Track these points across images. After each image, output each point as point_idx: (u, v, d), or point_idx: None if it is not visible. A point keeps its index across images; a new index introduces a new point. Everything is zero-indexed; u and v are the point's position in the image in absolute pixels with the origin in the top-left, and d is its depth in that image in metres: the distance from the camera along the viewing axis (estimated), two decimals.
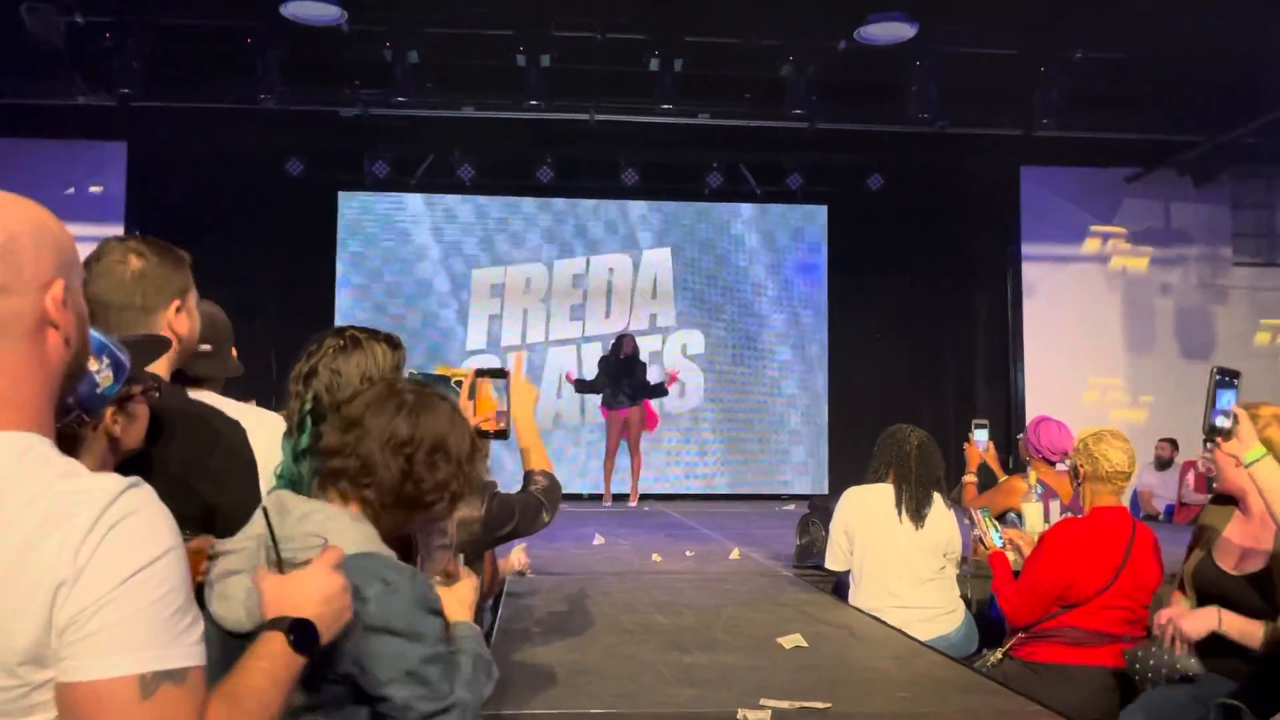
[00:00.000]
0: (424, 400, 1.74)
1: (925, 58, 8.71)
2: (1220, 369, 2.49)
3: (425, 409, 1.72)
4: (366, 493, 1.67)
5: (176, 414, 1.92)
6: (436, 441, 1.69)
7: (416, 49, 8.71)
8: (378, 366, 2.20)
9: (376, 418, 1.70)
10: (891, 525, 3.97)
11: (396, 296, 11.21)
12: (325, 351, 2.24)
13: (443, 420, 1.73)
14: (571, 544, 6.06)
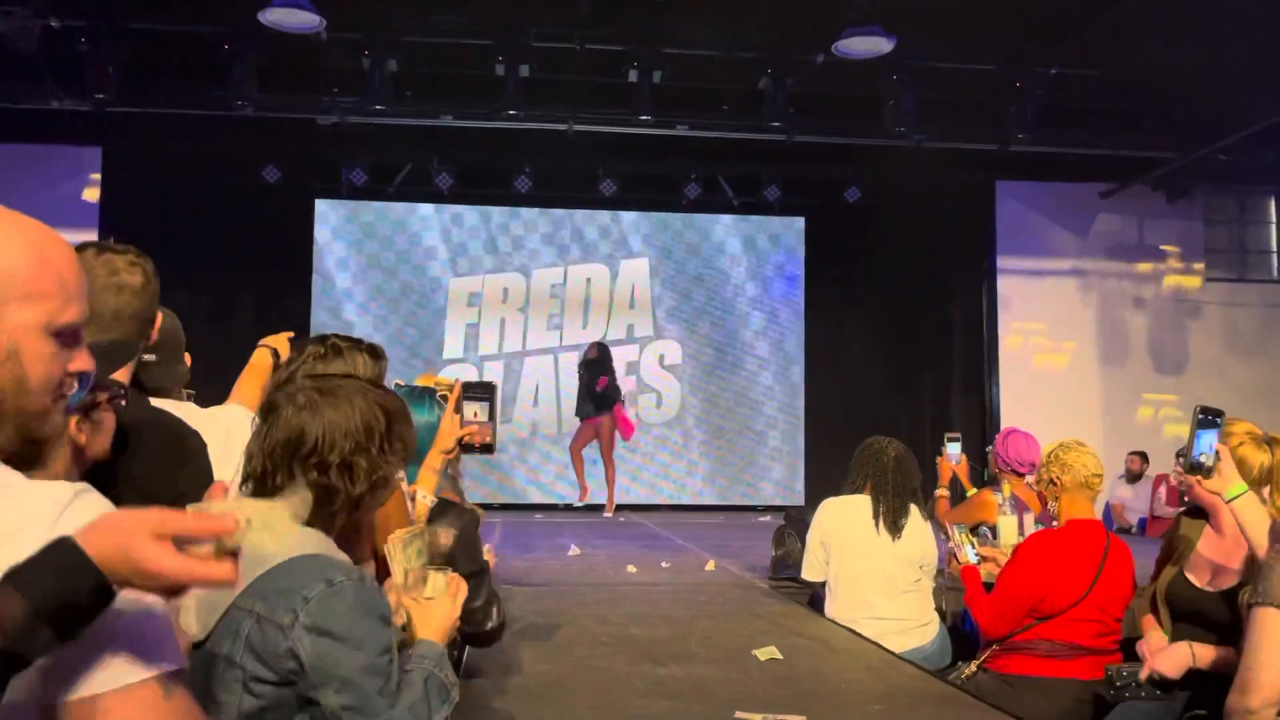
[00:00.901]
0: (325, 392, 1.64)
1: (902, 72, 8.77)
2: (1203, 408, 2.53)
3: (325, 404, 1.62)
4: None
5: (142, 424, 1.89)
6: (344, 437, 1.60)
7: (395, 57, 8.69)
8: (359, 375, 2.19)
9: (276, 432, 1.62)
10: (868, 536, 3.97)
11: (373, 305, 11.15)
12: (305, 359, 2.23)
13: (344, 409, 1.63)
14: (547, 555, 6.04)
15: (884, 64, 8.51)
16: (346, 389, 1.66)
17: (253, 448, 1.64)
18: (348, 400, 1.64)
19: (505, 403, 11.21)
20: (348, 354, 2.20)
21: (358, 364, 2.19)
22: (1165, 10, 7.69)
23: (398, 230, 11.23)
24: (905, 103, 8.96)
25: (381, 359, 2.26)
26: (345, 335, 2.27)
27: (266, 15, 7.63)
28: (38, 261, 1.10)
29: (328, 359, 2.19)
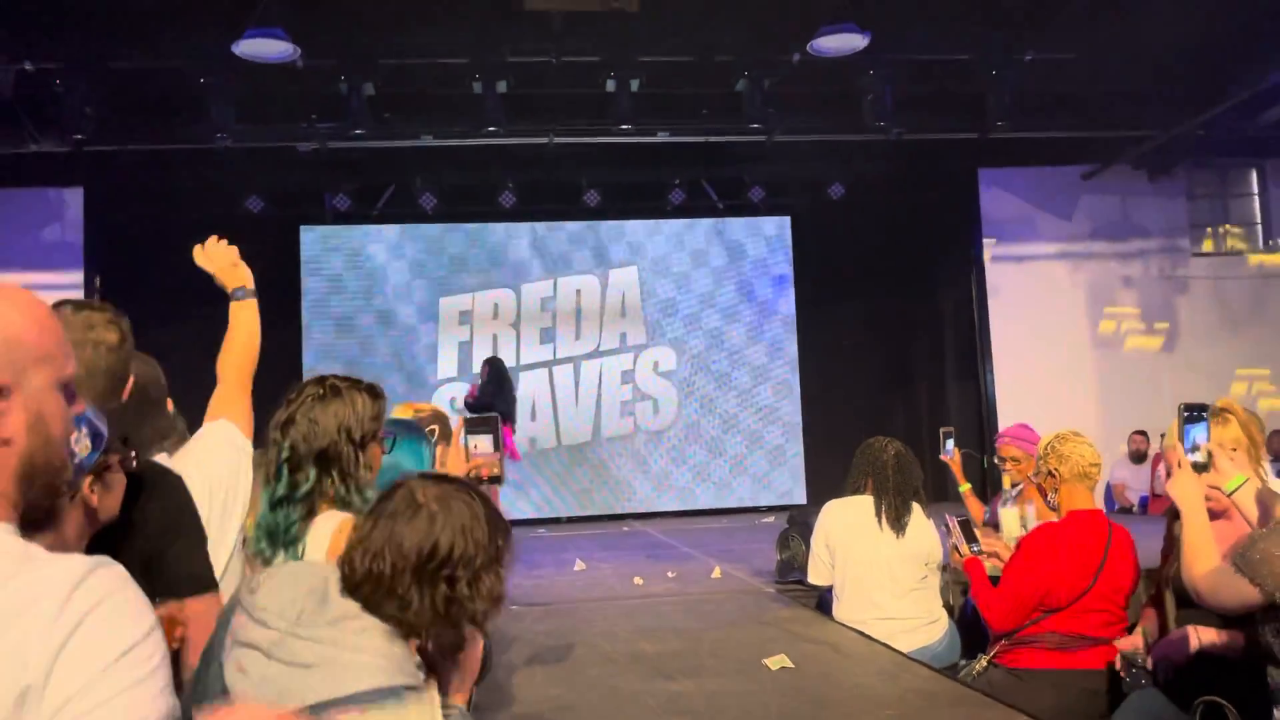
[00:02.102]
0: (447, 502, 1.54)
1: (878, 67, 8.79)
2: (1187, 405, 2.53)
3: (449, 512, 1.53)
4: (405, 615, 1.46)
5: (144, 479, 1.88)
6: (474, 549, 1.52)
7: (372, 81, 8.68)
8: (357, 416, 2.19)
9: (404, 538, 1.50)
10: (872, 536, 3.97)
11: (363, 329, 11.13)
12: (304, 400, 2.23)
13: (467, 519, 1.53)
14: (553, 570, 6.03)
15: (860, 60, 8.51)
16: (463, 494, 1.57)
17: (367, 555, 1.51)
18: (469, 506, 1.55)
19: None
20: (346, 393, 2.20)
21: (356, 403, 2.19)
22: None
23: (384, 252, 11.22)
24: (883, 97, 8.98)
25: (380, 398, 2.26)
26: (345, 375, 2.27)
27: (240, 47, 7.62)
28: (37, 325, 1.13)
29: (325, 399, 2.19)
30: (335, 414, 2.16)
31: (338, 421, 2.15)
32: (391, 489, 1.60)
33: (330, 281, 11.15)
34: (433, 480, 1.60)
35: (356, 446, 2.15)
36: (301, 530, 2.12)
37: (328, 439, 2.14)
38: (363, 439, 2.16)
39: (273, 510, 2.15)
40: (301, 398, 2.20)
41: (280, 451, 2.17)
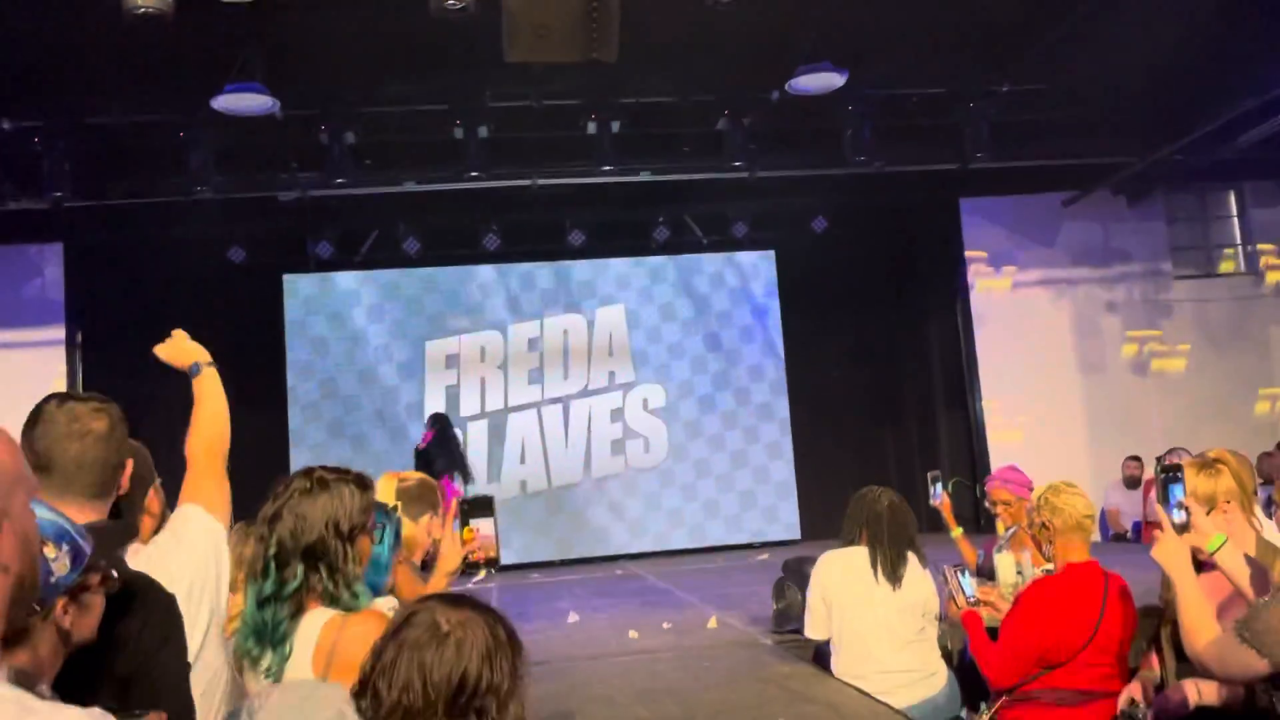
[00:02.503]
0: (471, 627, 1.49)
1: (856, 102, 8.86)
2: (1164, 466, 2.52)
3: (475, 638, 1.47)
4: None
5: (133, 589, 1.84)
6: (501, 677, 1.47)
7: (352, 130, 8.69)
8: (345, 509, 2.14)
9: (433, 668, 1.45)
10: (868, 588, 3.92)
11: (349, 375, 11.07)
12: (291, 494, 2.19)
13: (492, 644, 1.49)
14: (546, 623, 5.96)
15: (838, 95, 8.57)
16: (484, 616, 1.52)
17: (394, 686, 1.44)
18: (491, 629, 1.50)
19: (491, 461, 11.14)
20: (334, 487, 2.16)
21: (344, 497, 2.15)
22: (1108, 21, 7.80)
23: (368, 298, 11.19)
24: (862, 131, 9.05)
25: (368, 490, 2.22)
26: (333, 467, 2.23)
27: (219, 101, 7.61)
28: (9, 446, 1.15)
29: (313, 493, 2.15)
30: (323, 508, 2.12)
31: (325, 516, 2.11)
32: (409, 613, 1.55)
33: (313, 329, 11.10)
34: (451, 604, 1.55)
35: (345, 541, 2.11)
36: (290, 629, 2.07)
37: (315, 534, 2.10)
38: (351, 532, 2.12)
39: (260, 608, 2.11)
40: (289, 492, 2.16)
41: (268, 548, 2.13)
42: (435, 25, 6.06)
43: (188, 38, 6.62)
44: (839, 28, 7.75)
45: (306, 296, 11.13)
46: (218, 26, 6.99)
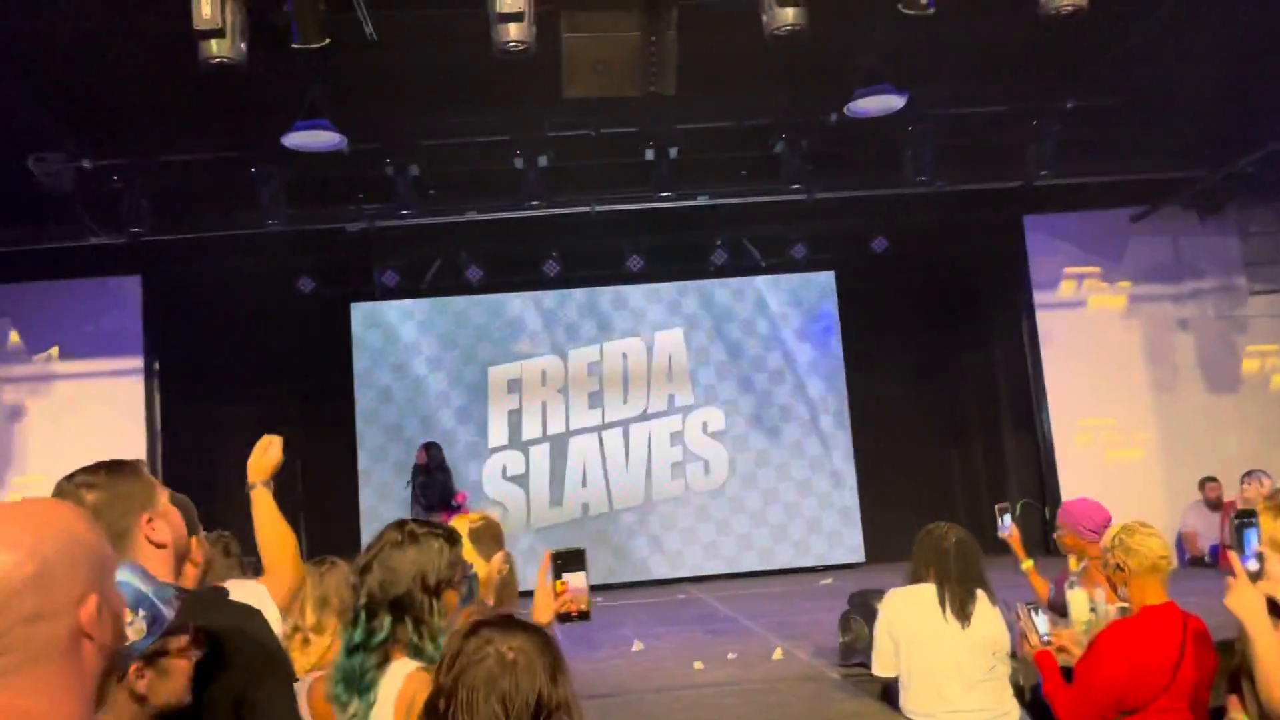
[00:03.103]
0: (527, 647, 1.56)
1: (917, 122, 8.79)
2: (1237, 512, 2.47)
3: (534, 658, 1.55)
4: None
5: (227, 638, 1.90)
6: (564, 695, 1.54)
7: (416, 162, 8.86)
8: (433, 564, 2.20)
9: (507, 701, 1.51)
10: (937, 626, 3.88)
11: (415, 401, 11.25)
12: (382, 546, 2.26)
13: (547, 655, 1.56)
14: (611, 652, 5.97)
15: (898, 116, 8.52)
16: (530, 634, 1.59)
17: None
18: (545, 648, 1.57)
19: (553, 484, 11.22)
20: (424, 541, 2.23)
21: (432, 551, 2.21)
22: (1176, 32, 7.65)
23: (432, 325, 11.37)
24: (923, 152, 8.98)
25: (457, 544, 2.27)
26: (424, 521, 2.31)
27: (290, 139, 7.83)
28: (93, 526, 1.20)
29: (403, 546, 2.22)
30: (412, 562, 2.19)
31: (414, 570, 2.18)
32: (464, 647, 1.59)
33: (380, 356, 11.31)
34: (500, 629, 1.59)
35: (431, 594, 2.17)
36: (375, 677, 2.14)
37: (403, 587, 2.17)
38: (438, 586, 2.18)
39: (349, 655, 2.18)
40: (380, 543, 2.24)
41: (358, 597, 2.22)
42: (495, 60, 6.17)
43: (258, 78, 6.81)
44: (897, 49, 7.71)
45: (373, 324, 11.35)
46: (286, 67, 7.19)
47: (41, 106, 7.84)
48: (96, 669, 1.16)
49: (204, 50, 5.37)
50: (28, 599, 1.08)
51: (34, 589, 1.09)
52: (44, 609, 1.10)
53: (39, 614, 1.09)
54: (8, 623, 1.07)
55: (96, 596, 1.15)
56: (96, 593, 1.15)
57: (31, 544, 1.11)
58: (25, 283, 10.10)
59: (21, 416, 10.05)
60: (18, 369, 10.12)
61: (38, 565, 1.10)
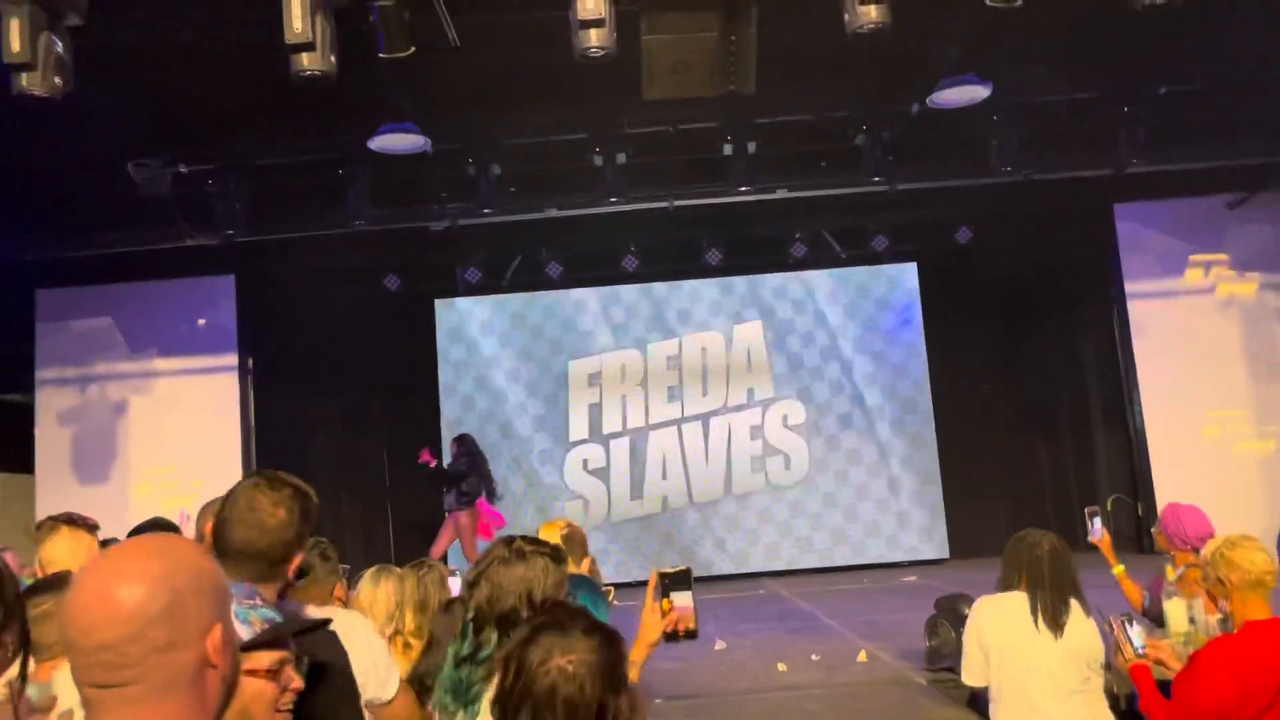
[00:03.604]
0: (584, 659, 1.63)
1: (1002, 111, 8.60)
2: None
3: (590, 669, 1.62)
4: None
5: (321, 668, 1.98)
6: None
7: (498, 161, 8.99)
8: (539, 581, 2.25)
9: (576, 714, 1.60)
10: (1029, 635, 3.82)
11: (496, 394, 11.43)
12: (491, 562, 2.32)
13: (601, 659, 1.64)
14: (693, 649, 6.00)
15: (982, 105, 8.35)
16: (586, 639, 1.66)
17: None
18: (599, 649, 1.65)
19: (633, 478, 11.30)
20: (530, 559, 2.27)
21: (539, 569, 2.26)
22: (1269, 14, 7.35)
23: (514, 321, 11.53)
24: (1009, 141, 8.79)
25: (563, 564, 2.32)
26: (532, 538, 2.34)
27: (376, 142, 8.02)
28: (211, 560, 1.26)
29: (510, 563, 2.26)
30: (519, 578, 2.23)
31: (521, 586, 2.22)
32: (523, 650, 1.64)
33: (463, 350, 11.52)
34: (559, 633, 1.65)
35: (537, 612, 2.20)
36: (481, 690, 2.20)
37: (509, 603, 2.21)
38: (544, 603, 2.21)
39: (457, 668, 2.25)
40: (489, 559, 2.29)
41: (466, 611, 2.28)
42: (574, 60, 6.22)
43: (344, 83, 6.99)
44: (981, 38, 7.54)
45: (456, 319, 11.56)
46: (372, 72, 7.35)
47: (140, 114, 8.13)
48: (217, 698, 1.22)
49: (295, 64, 5.51)
50: (161, 629, 1.14)
51: (167, 619, 1.15)
52: (176, 639, 1.16)
53: (171, 643, 1.15)
54: (142, 651, 1.13)
55: (222, 626, 1.21)
56: (222, 622, 1.22)
57: (164, 576, 1.17)
58: (126, 283, 10.51)
59: (124, 412, 10.48)
60: (120, 366, 10.55)
61: (170, 597, 1.16)
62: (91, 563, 1.23)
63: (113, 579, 1.15)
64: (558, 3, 5.78)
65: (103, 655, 1.12)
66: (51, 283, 10.47)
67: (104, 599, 1.13)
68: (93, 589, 1.14)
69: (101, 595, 1.13)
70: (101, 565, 1.19)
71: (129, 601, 1.12)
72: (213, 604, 1.22)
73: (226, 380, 10.51)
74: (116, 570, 1.16)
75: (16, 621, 1.77)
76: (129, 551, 1.21)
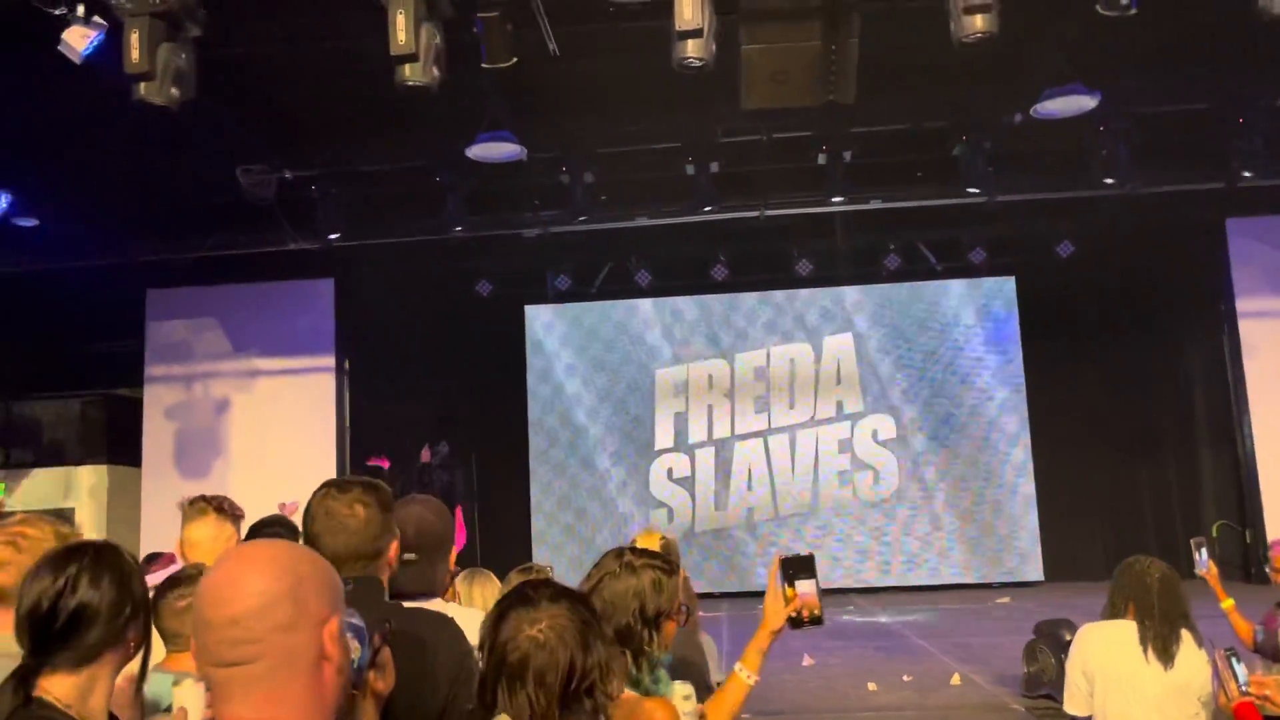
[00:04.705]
0: (555, 624, 1.66)
1: (1109, 122, 8.34)
2: None
3: (561, 632, 1.65)
4: None
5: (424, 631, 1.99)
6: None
7: (590, 170, 9.04)
8: (650, 595, 2.21)
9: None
10: (1136, 666, 3.67)
11: (585, 401, 11.51)
12: (602, 576, 2.29)
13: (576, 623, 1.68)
14: (780, 664, 5.94)
15: (1088, 116, 8.11)
16: (558, 606, 1.70)
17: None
18: (574, 616, 1.70)
19: (719, 488, 11.25)
20: (641, 571, 2.24)
21: (649, 581, 2.22)
22: None
23: (602, 328, 11.59)
24: (1116, 153, 8.52)
25: (674, 575, 2.27)
26: (642, 550, 2.31)
27: (473, 150, 8.14)
28: (327, 567, 1.28)
29: (619, 576, 2.23)
30: (631, 592, 2.19)
31: (634, 602, 2.19)
32: (494, 629, 1.67)
33: (553, 357, 11.62)
34: (526, 605, 1.67)
35: (650, 626, 2.17)
36: None
37: (622, 619, 2.17)
38: (656, 617, 2.19)
39: None
40: (600, 573, 2.25)
41: None
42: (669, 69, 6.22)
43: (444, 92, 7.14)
44: (1087, 47, 7.33)
45: (546, 326, 11.66)
46: (470, 80, 7.48)
47: (248, 123, 8.42)
48: (336, 693, 1.25)
49: (399, 75, 5.62)
50: (283, 609, 1.18)
51: (289, 601, 1.19)
52: (297, 620, 1.20)
53: (293, 624, 1.19)
54: (265, 628, 1.17)
55: (339, 618, 1.25)
56: (338, 616, 1.24)
57: (288, 563, 1.23)
58: (231, 285, 10.87)
59: (227, 409, 10.84)
60: (224, 364, 10.91)
61: (293, 581, 1.21)
62: (225, 553, 1.31)
63: (242, 563, 1.23)
64: (656, 13, 5.81)
65: (230, 631, 1.17)
66: (161, 283, 10.88)
67: (234, 579, 1.20)
68: (225, 571, 1.22)
69: (232, 576, 1.20)
70: (233, 554, 1.28)
71: (258, 581, 1.19)
72: (331, 596, 1.27)
73: (324, 380, 10.78)
74: (247, 556, 1.25)
75: (142, 617, 1.82)
76: (257, 545, 1.32)
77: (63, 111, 7.47)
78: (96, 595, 1.74)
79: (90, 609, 1.73)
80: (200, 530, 3.04)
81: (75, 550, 1.80)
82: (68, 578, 1.74)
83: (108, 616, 1.75)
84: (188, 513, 3.06)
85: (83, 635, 1.72)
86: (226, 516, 3.07)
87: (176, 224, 9.63)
